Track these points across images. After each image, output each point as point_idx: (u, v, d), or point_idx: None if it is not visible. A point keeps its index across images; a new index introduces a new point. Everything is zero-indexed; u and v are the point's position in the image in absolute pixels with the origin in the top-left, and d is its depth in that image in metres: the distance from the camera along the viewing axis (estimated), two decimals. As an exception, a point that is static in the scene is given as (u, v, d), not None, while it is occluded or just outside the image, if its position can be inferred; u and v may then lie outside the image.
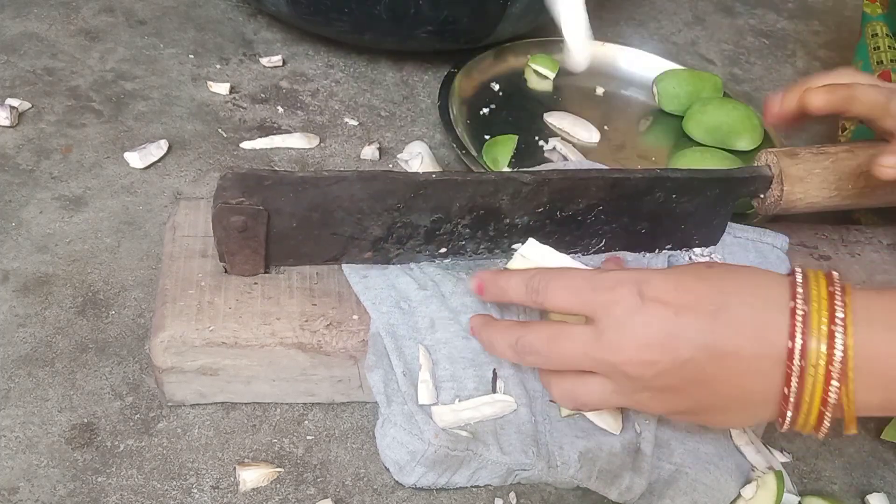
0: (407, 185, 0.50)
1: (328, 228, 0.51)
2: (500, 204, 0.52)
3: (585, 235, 0.56)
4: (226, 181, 0.47)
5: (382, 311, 0.50)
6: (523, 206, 0.53)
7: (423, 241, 0.53)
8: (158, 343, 0.48)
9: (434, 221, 0.52)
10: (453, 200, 0.51)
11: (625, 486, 0.49)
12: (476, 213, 0.52)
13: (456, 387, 0.49)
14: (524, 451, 0.48)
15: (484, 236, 0.54)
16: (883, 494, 0.54)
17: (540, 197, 0.53)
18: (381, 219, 0.51)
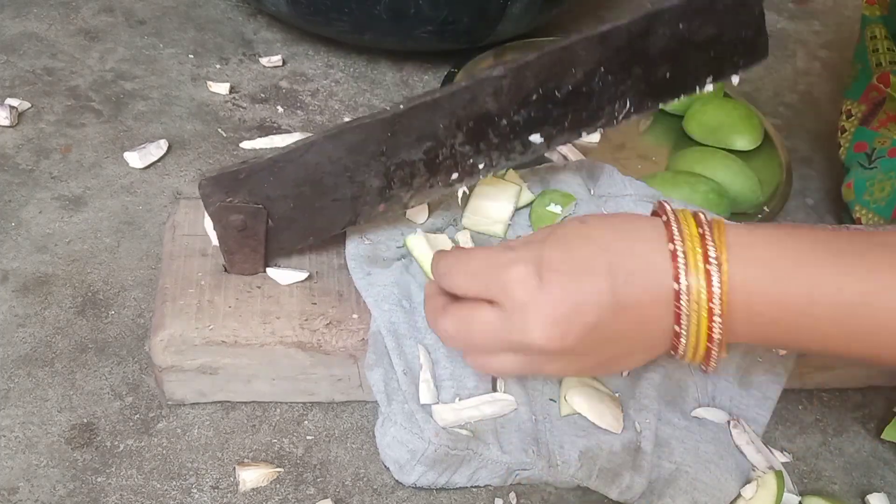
0: (378, 125, 0.47)
1: (326, 196, 0.50)
2: (486, 108, 0.48)
3: (603, 104, 0.51)
4: (205, 188, 0.47)
5: (384, 310, 0.50)
6: (513, 100, 0.49)
7: (428, 175, 0.50)
8: (158, 342, 0.48)
9: (427, 151, 0.49)
10: (434, 123, 0.48)
11: (625, 485, 0.49)
12: (466, 126, 0.49)
13: (456, 385, 0.49)
14: (524, 450, 0.48)
15: (489, 146, 0.50)
16: (883, 494, 0.54)
17: (526, 84, 0.48)
18: (371, 168, 0.49)
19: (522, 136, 0.51)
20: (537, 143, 0.51)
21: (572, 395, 0.49)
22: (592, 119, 0.52)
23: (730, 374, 0.54)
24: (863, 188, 0.70)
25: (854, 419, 0.59)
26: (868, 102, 0.73)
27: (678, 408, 0.51)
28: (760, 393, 0.54)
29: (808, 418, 0.58)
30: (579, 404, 0.49)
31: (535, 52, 0.48)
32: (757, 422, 0.53)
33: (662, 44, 0.50)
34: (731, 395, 0.53)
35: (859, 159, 0.72)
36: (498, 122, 0.49)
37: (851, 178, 0.71)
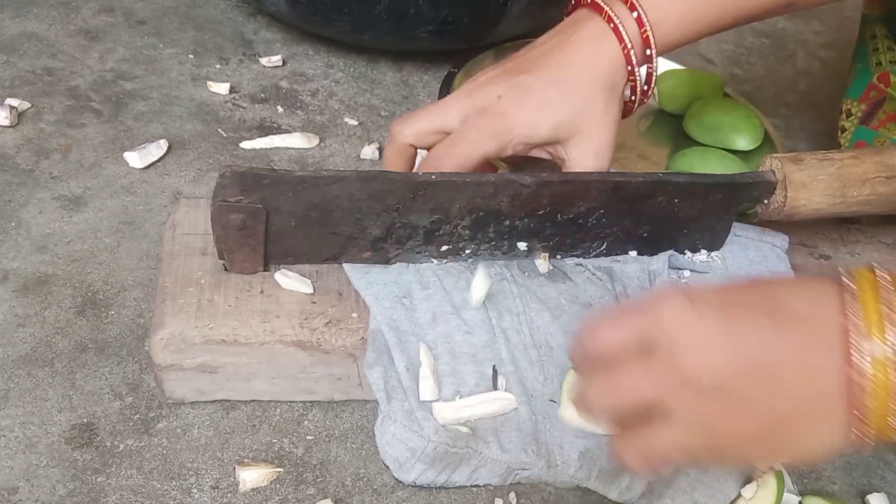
0: (406, 185, 0.50)
1: (327, 227, 0.51)
2: (499, 206, 0.52)
3: (587, 238, 0.56)
4: (225, 179, 0.47)
5: (385, 307, 0.50)
6: (523, 209, 0.53)
7: (422, 242, 0.53)
8: (158, 340, 0.48)
9: (433, 222, 0.52)
10: (453, 201, 0.51)
11: (625, 486, 0.49)
12: (476, 214, 0.52)
13: (456, 382, 0.49)
14: (524, 450, 0.48)
15: (484, 238, 0.54)
16: (883, 494, 0.53)
17: (540, 199, 0.52)
18: (379, 219, 0.51)
19: (512, 239, 0.54)
20: (521, 249, 0.55)
21: (566, 408, 0.49)
22: (572, 247, 0.56)
23: None
24: None
25: (854, 419, 0.59)
26: (868, 101, 0.74)
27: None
28: None
29: (808, 418, 0.58)
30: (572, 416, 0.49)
31: (560, 176, 0.53)
32: None
33: (656, 209, 0.55)
34: None
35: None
36: (502, 221, 0.53)
37: None
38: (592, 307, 0.54)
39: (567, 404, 0.49)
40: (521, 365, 0.50)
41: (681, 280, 0.57)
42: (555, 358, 0.51)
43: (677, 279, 0.57)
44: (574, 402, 0.43)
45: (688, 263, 0.58)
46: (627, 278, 0.56)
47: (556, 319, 0.52)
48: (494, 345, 0.51)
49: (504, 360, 0.50)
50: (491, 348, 0.51)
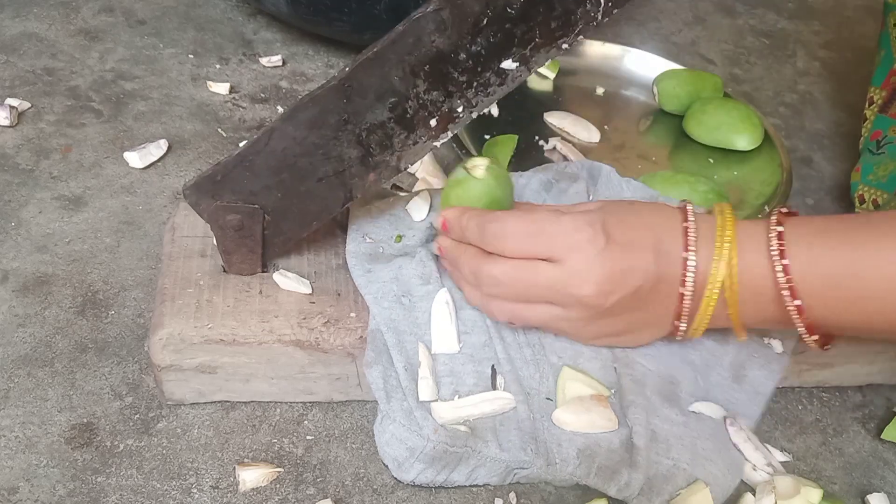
0: (329, 95, 0.46)
1: (309, 179, 0.49)
2: (435, 46, 0.46)
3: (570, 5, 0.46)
4: (190, 197, 0.48)
5: (384, 307, 0.51)
6: (462, 31, 0.45)
7: (405, 131, 0.49)
8: (157, 341, 0.48)
9: (392, 108, 0.47)
10: (387, 77, 0.46)
11: (623, 482, 0.49)
12: (422, 72, 0.46)
13: (455, 382, 0.49)
14: (523, 448, 0.48)
15: (459, 87, 0.48)
16: (883, 494, 0.53)
17: (470, 8, 0.45)
18: (341, 140, 0.48)
19: (493, 66, 0.47)
20: (512, 68, 0.48)
21: (560, 413, 0.49)
22: (566, 26, 0.47)
23: (724, 370, 0.54)
24: (868, 171, 0.71)
25: (854, 419, 0.59)
26: (889, 88, 0.74)
27: (675, 404, 0.51)
28: (753, 388, 0.54)
29: (808, 418, 0.58)
30: (568, 422, 0.49)
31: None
32: (748, 416, 0.53)
33: None
34: (723, 389, 0.53)
35: (871, 147, 0.72)
36: (455, 57, 0.46)
37: (860, 164, 0.72)
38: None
39: (563, 405, 0.49)
40: (518, 364, 0.50)
41: None
42: (548, 356, 0.51)
43: None
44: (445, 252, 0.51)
45: None
46: None
47: None
48: (492, 344, 0.51)
49: (501, 359, 0.50)
50: (489, 348, 0.51)
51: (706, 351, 0.54)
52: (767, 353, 0.55)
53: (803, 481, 0.51)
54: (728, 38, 1.00)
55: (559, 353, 0.52)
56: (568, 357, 0.52)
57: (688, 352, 0.54)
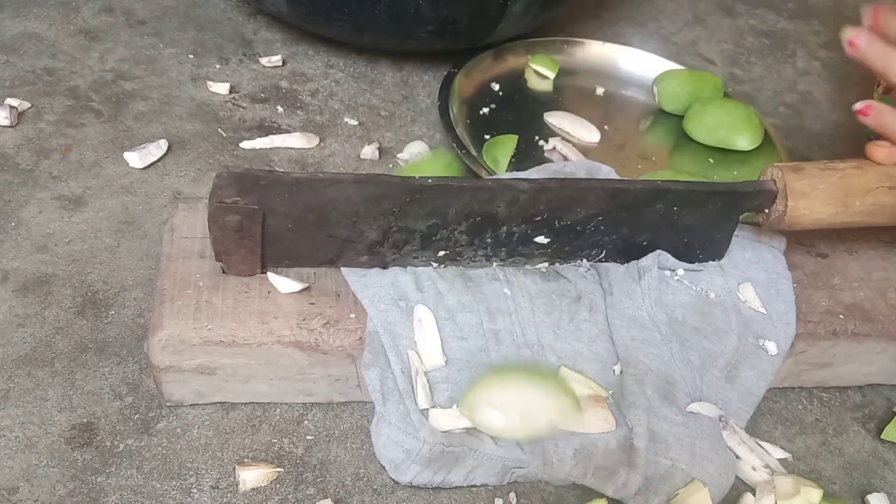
0: (403, 189, 0.50)
1: (324, 230, 0.51)
2: (496, 211, 0.52)
3: (585, 246, 0.55)
4: (222, 180, 0.47)
5: (381, 310, 0.51)
6: (520, 214, 0.52)
7: (419, 247, 0.53)
8: (156, 342, 0.48)
9: (430, 227, 0.52)
10: (450, 206, 0.51)
11: (621, 483, 0.49)
12: (473, 219, 0.52)
13: (451, 388, 0.49)
14: (520, 447, 0.48)
15: (481, 243, 0.53)
16: (883, 494, 0.53)
17: (537, 205, 0.52)
18: (376, 222, 0.51)
19: (510, 246, 0.54)
20: (519, 257, 0.55)
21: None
22: (570, 255, 0.56)
23: (717, 370, 0.54)
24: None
25: (854, 419, 0.59)
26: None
27: (673, 403, 0.51)
28: (745, 389, 0.54)
29: (807, 418, 0.58)
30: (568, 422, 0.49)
31: (557, 182, 0.52)
32: (739, 416, 0.53)
33: (654, 217, 0.55)
34: (716, 389, 0.53)
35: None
36: (500, 227, 0.53)
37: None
38: (582, 300, 0.54)
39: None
40: None
41: (674, 277, 0.57)
42: (546, 357, 0.51)
43: (670, 276, 0.57)
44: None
45: (679, 263, 0.57)
46: (616, 274, 0.56)
47: (547, 316, 0.53)
48: (488, 349, 0.51)
49: (497, 365, 0.50)
50: (485, 353, 0.51)
51: (703, 351, 0.54)
52: (760, 355, 0.55)
53: (803, 481, 0.51)
54: (728, 38, 1.00)
55: (558, 354, 0.52)
56: (567, 357, 0.52)
57: (687, 351, 0.54)
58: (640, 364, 0.52)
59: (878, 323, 0.57)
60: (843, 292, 0.59)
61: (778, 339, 0.55)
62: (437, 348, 0.50)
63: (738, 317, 0.55)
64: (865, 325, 0.57)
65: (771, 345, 0.55)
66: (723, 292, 0.56)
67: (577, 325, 0.53)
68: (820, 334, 0.56)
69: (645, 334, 0.53)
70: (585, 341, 0.52)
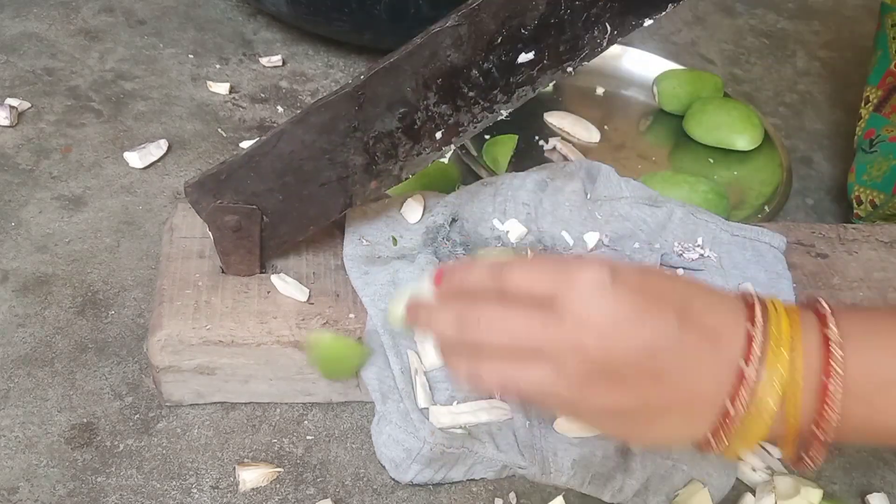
0: (343, 101, 0.46)
1: (312, 183, 0.49)
2: (450, 61, 0.46)
3: (578, 32, 0.47)
4: (192, 195, 0.47)
5: (381, 308, 0.50)
6: (476, 47, 0.46)
7: (411, 142, 0.49)
8: (156, 342, 0.48)
9: (402, 118, 0.48)
10: (401, 88, 0.46)
11: (617, 488, 0.49)
12: (434, 85, 0.47)
13: (451, 387, 0.49)
14: (521, 454, 0.48)
15: (467, 101, 0.48)
16: (883, 494, 0.53)
17: (487, 26, 0.45)
18: (349, 146, 0.48)
19: (500, 84, 0.48)
20: (519, 87, 0.49)
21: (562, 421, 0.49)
22: (573, 51, 0.48)
23: None
24: (862, 171, 0.71)
25: (854, 419, 0.59)
26: (884, 88, 0.74)
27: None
28: None
29: (807, 418, 0.58)
30: (569, 427, 0.49)
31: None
32: None
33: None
34: None
35: (864, 145, 0.72)
36: (467, 73, 0.47)
37: (854, 164, 0.72)
38: None
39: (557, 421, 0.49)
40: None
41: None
42: None
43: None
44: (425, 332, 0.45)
45: (681, 262, 0.57)
46: None
47: None
48: None
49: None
50: None
51: None
52: None
53: (803, 481, 0.51)
54: (728, 38, 1.00)
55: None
56: None
57: None
58: None
59: (877, 323, 0.57)
60: (842, 293, 0.59)
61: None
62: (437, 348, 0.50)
63: None
64: (865, 325, 0.57)
65: None
66: None
67: None
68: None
69: None
70: None
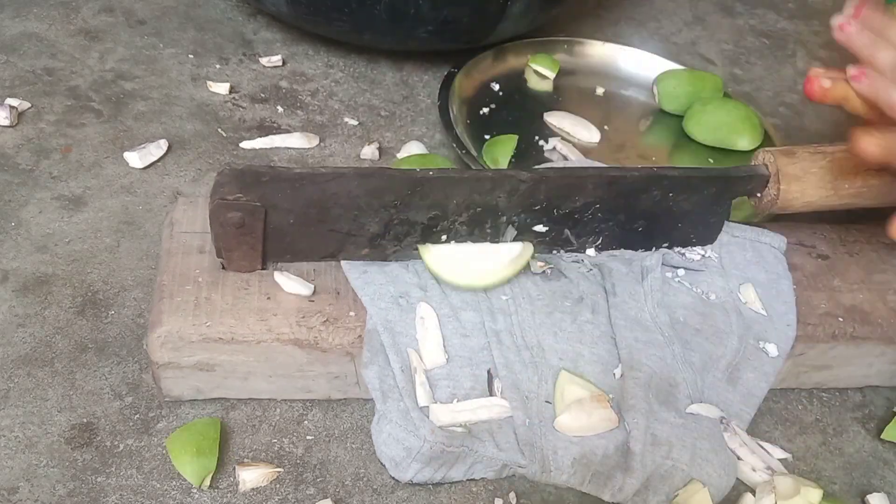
0: (404, 181, 0.50)
1: (325, 225, 0.51)
2: (496, 201, 0.52)
3: (582, 233, 0.56)
4: (223, 177, 0.48)
5: (381, 307, 0.50)
6: (520, 204, 0.53)
7: (419, 238, 0.53)
8: (155, 338, 0.48)
9: (431, 218, 0.52)
10: (450, 197, 0.51)
11: (617, 487, 0.49)
12: (473, 210, 0.52)
13: (452, 385, 0.49)
14: (520, 452, 0.48)
15: (481, 233, 0.54)
16: (883, 494, 0.53)
17: (537, 195, 0.53)
18: (377, 215, 0.51)
19: (507, 234, 0.54)
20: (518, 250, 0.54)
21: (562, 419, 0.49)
22: (568, 242, 0.56)
23: (719, 371, 0.54)
24: None
25: (854, 419, 0.59)
26: None
27: (672, 406, 0.51)
28: (746, 390, 0.54)
29: (807, 418, 0.58)
30: (568, 426, 0.49)
31: (557, 171, 0.53)
32: (741, 418, 0.53)
33: (651, 203, 0.55)
34: (717, 391, 0.53)
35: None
36: (499, 217, 0.53)
37: None
38: (584, 301, 0.54)
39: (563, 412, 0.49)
40: (516, 367, 0.50)
41: (675, 278, 0.57)
42: (547, 359, 0.51)
43: (671, 277, 0.57)
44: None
45: (683, 262, 0.58)
46: (619, 275, 0.56)
47: (548, 317, 0.52)
48: (489, 348, 0.51)
49: (498, 364, 0.50)
50: (486, 351, 0.51)
51: (705, 353, 0.54)
52: (761, 357, 0.55)
53: (803, 481, 0.51)
54: (728, 38, 1.00)
55: (560, 356, 0.51)
56: (568, 360, 0.51)
57: (688, 353, 0.54)
58: (643, 366, 0.52)
59: (877, 326, 0.57)
60: (842, 294, 0.59)
61: (778, 341, 0.55)
62: (439, 346, 0.50)
63: (739, 318, 0.55)
64: (864, 327, 0.57)
65: (771, 347, 0.55)
66: (723, 293, 0.56)
67: (579, 327, 0.53)
68: (819, 337, 0.56)
69: (648, 336, 0.53)
70: (587, 343, 0.52)
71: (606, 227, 0.56)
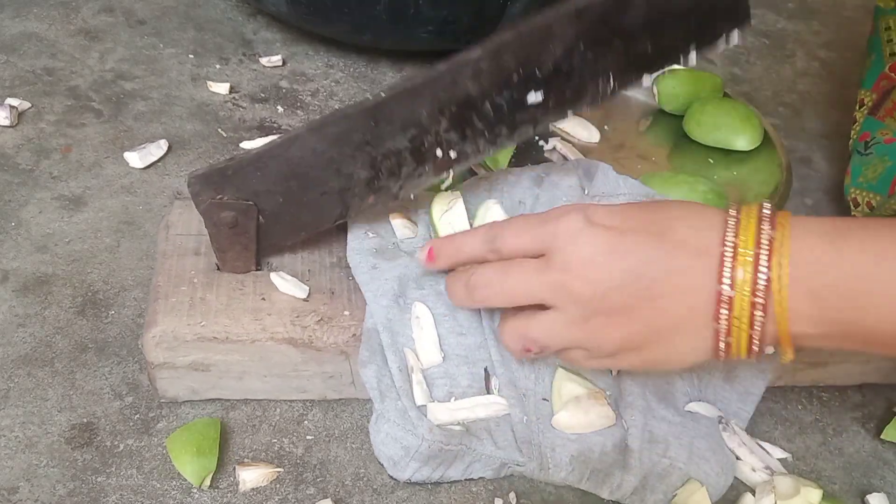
0: (360, 116, 0.47)
1: (314, 190, 0.50)
2: (468, 91, 0.48)
3: (586, 81, 0.50)
4: (194, 186, 0.48)
5: (382, 305, 0.50)
6: (494, 82, 0.48)
7: (415, 163, 0.50)
8: (150, 338, 0.49)
9: (412, 139, 0.49)
10: (417, 110, 0.48)
11: (615, 485, 0.49)
12: (449, 112, 0.48)
13: (449, 384, 0.49)
14: (518, 450, 0.48)
15: (475, 132, 0.50)
16: (883, 494, 0.53)
17: (505, 63, 0.47)
18: (357, 160, 0.49)
19: (507, 120, 0.50)
20: (523, 125, 0.51)
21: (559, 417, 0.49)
22: (577, 98, 0.51)
23: (716, 370, 0.54)
24: (858, 173, 0.71)
25: (854, 419, 0.59)
26: (878, 91, 0.74)
27: (671, 404, 0.51)
28: (744, 388, 0.54)
29: (807, 418, 0.58)
30: (566, 423, 0.49)
31: (512, 31, 0.47)
32: (739, 416, 0.53)
33: (641, 16, 0.49)
34: (715, 389, 0.53)
35: (859, 148, 0.72)
36: (481, 105, 0.49)
37: (850, 166, 0.72)
38: None
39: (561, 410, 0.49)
40: (512, 365, 0.50)
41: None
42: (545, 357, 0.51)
43: None
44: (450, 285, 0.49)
45: None
46: None
47: None
48: (486, 346, 0.51)
49: (495, 361, 0.50)
50: (483, 349, 0.51)
51: None
52: None
53: (803, 481, 0.51)
54: (728, 38, 1.00)
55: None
56: None
57: None
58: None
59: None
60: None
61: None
62: (435, 345, 0.50)
63: None
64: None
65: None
66: None
67: None
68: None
69: None
70: None
71: (607, 63, 0.49)
